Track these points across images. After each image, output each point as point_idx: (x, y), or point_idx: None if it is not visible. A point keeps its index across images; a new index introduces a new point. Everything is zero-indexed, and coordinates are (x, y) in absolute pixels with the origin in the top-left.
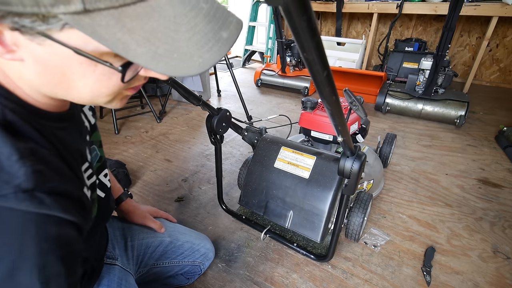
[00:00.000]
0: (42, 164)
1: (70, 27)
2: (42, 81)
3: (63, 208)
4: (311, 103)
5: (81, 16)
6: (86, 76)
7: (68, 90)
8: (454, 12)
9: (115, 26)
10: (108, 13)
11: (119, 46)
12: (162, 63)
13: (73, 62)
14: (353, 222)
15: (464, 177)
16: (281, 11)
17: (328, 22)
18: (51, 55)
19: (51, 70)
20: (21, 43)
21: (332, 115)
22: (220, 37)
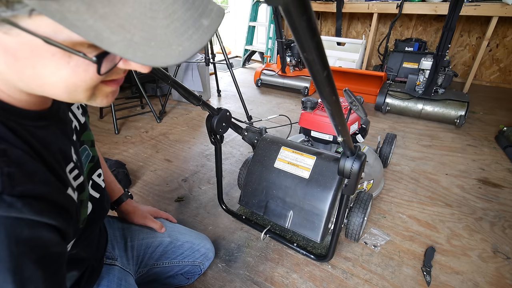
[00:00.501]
0: (13, 166)
1: (38, 13)
2: (14, 74)
3: (36, 211)
4: (311, 103)
5: (49, 1)
6: (59, 69)
7: (42, 85)
8: (454, 12)
9: (86, 12)
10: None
11: (91, 34)
12: (139, 52)
13: (44, 53)
14: (353, 222)
15: (464, 177)
16: (281, 11)
17: (328, 22)
18: (19, 45)
19: (22, 63)
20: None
21: (332, 115)
22: (200, 25)
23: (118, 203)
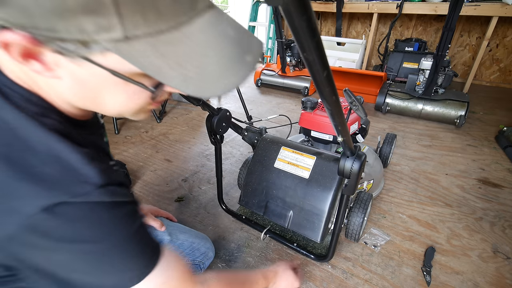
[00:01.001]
0: (102, 164)
1: (109, 51)
2: (76, 97)
3: (124, 193)
4: (311, 103)
5: (121, 43)
6: (118, 95)
7: (99, 105)
8: (454, 12)
9: (150, 52)
10: (145, 40)
11: (153, 70)
12: (192, 85)
13: (108, 82)
14: (353, 222)
15: (464, 177)
16: (281, 11)
17: (328, 22)
18: (88, 75)
19: (87, 88)
20: (61, 63)
21: (332, 115)
22: (244, 61)
23: None
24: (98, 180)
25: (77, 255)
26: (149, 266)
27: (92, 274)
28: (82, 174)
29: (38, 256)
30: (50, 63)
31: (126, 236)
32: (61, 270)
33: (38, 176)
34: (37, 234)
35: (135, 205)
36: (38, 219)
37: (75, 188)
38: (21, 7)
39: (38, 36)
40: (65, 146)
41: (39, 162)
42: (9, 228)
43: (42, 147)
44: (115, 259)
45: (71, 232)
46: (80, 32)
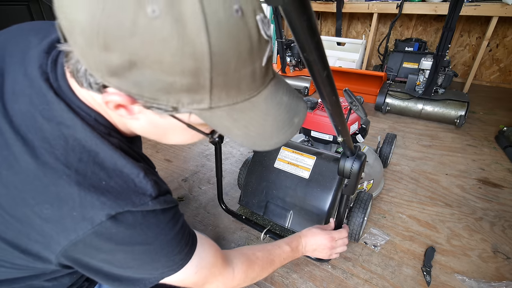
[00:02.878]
0: (154, 176)
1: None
2: (144, 132)
3: (171, 200)
4: (311, 103)
5: (205, 111)
6: (182, 135)
7: (162, 139)
8: (454, 12)
9: (225, 117)
10: (223, 109)
11: (224, 130)
12: (250, 141)
13: (179, 128)
14: (353, 222)
15: (464, 177)
16: (281, 11)
17: (328, 22)
18: (165, 123)
19: (158, 129)
20: (144, 112)
21: (332, 115)
22: (293, 123)
23: None
24: (153, 192)
25: (132, 255)
26: (186, 259)
27: (141, 269)
28: (141, 187)
29: (96, 258)
30: (134, 111)
31: (171, 237)
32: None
33: (106, 189)
34: (102, 239)
35: (177, 208)
36: (104, 226)
37: (136, 199)
38: (136, 82)
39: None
40: (127, 163)
41: (106, 177)
42: (79, 233)
43: (109, 163)
44: (162, 257)
45: (129, 237)
46: (176, 102)
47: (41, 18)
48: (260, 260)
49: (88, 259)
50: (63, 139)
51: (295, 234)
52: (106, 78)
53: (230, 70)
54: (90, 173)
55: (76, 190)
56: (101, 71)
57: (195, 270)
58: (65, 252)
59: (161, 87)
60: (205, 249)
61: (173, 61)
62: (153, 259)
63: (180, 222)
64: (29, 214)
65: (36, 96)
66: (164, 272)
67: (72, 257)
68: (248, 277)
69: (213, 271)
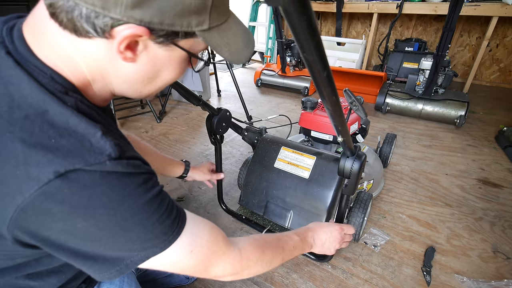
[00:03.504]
0: (116, 139)
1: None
2: (134, 78)
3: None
4: (311, 103)
5: (205, 32)
6: (175, 69)
7: (148, 84)
8: (454, 12)
9: (217, 37)
10: (215, 29)
11: (217, 48)
12: (233, 57)
13: (177, 60)
14: (353, 222)
15: (464, 177)
16: (281, 11)
17: (328, 22)
18: (167, 56)
19: (155, 68)
20: (149, 48)
21: (332, 115)
22: (250, 39)
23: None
24: (113, 152)
25: (94, 222)
26: (173, 233)
27: (114, 243)
28: (97, 146)
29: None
30: (140, 51)
31: (143, 202)
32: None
33: (55, 147)
34: (53, 201)
35: (150, 175)
36: (53, 185)
37: (90, 157)
38: (160, 8)
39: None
40: (80, 121)
41: (56, 135)
42: (25, 195)
43: (60, 121)
44: (134, 226)
45: (87, 198)
46: (188, 26)
47: None
48: (269, 244)
49: (47, 231)
50: (9, 96)
51: (303, 227)
52: (127, 12)
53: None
54: (38, 130)
55: (20, 147)
56: (122, 4)
57: (190, 249)
58: (16, 221)
59: (179, 11)
60: (198, 225)
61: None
62: (124, 228)
63: (156, 189)
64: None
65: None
66: (146, 248)
67: (26, 228)
68: (257, 259)
69: (215, 249)
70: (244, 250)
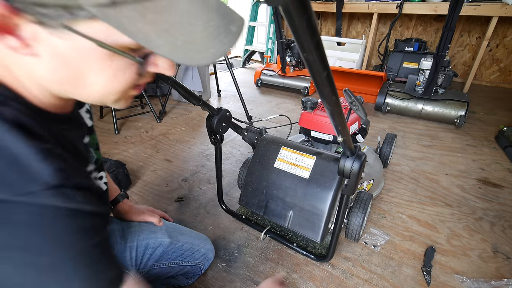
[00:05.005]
0: (62, 163)
1: (94, 19)
2: (55, 78)
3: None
4: (311, 103)
5: (108, 9)
6: (102, 71)
7: (80, 87)
8: (454, 12)
9: (137, 19)
10: (132, 6)
11: (141, 37)
12: (180, 54)
13: (92, 56)
14: (353, 222)
15: (464, 177)
16: (281, 11)
17: (328, 22)
18: (71, 49)
19: (68, 66)
20: (40, 37)
21: (332, 115)
22: (229, 31)
23: (114, 203)
24: (51, 179)
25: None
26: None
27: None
28: (31, 171)
29: None
30: (28, 38)
31: (78, 252)
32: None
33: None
34: None
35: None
36: None
37: (19, 186)
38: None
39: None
40: (16, 138)
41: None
42: None
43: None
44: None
45: (11, 238)
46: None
47: None
48: None
49: None
50: None
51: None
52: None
53: None
54: None
55: None
56: None
57: None
58: None
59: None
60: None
61: None
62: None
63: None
64: None
65: None
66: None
67: None
68: None
69: None
70: None
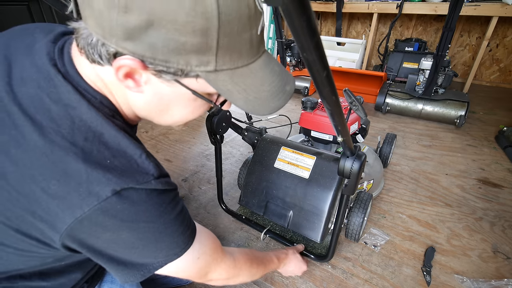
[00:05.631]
0: (154, 159)
1: (198, 77)
2: (147, 108)
3: (170, 182)
4: (311, 103)
5: (210, 73)
6: (186, 107)
7: (163, 116)
8: (454, 12)
9: (228, 81)
10: (226, 72)
11: (227, 94)
12: (250, 106)
13: (183, 98)
14: (353, 222)
15: (464, 177)
16: (281, 11)
17: (328, 22)
18: (172, 92)
19: (162, 102)
20: (151, 82)
21: (332, 115)
22: (285, 90)
23: None
24: (155, 172)
25: (137, 233)
26: (188, 243)
27: (146, 250)
28: (143, 167)
29: (101, 237)
30: (141, 81)
31: (174, 216)
32: (121, 249)
33: (111, 167)
34: (108, 215)
35: (177, 191)
36: (110, 202)
37: (139, 177)
38: (151, 44)
39: (149, 63)
40: (130, 143)
41: (110, 156)
42: (85, 210)
43: (113, 143)
44: (166, 236)
45: (135, 213)
46: (185, 64)
47: (41, 18)
48: (257, 259)
49: (94, 240)
50: (70, 120)
51: (282, 251)
52: (120, 43)
53: (233, 32)
54: (96, 152)
55: (83, 167)
56: (116, 35)
57: (197, 255)
58: (71, 230)
59: (173, 48)
60: (204, 235)
61: (186, 20)
62: (157, 239)
63: (180, 205)
64: (37, 190)
65: (43, 80)
66: (168, 255)
67: (77, 237)
68: (246, 269)
69: (215, 257)
70: (238, 260)
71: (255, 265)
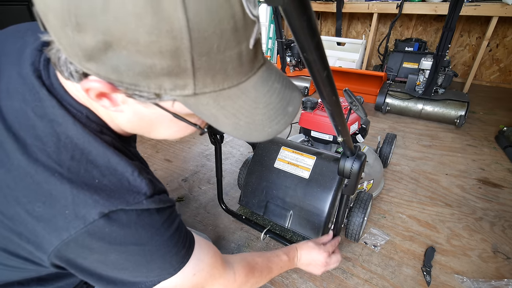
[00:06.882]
0: (147, 174)
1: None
2: (131, 126)
3: (166, 199)
4: (311, 103)
5: (189, 97)
6: (170, 128)
7: (149, 134)
8: (454, 12)
9: (212, 105)
10: (209, 94)
11: (212, 119)
12: (241, 132)
13: (164, 119)
14: (353, 222)
15: (464, 177)
16: (281, 11)
17: (328, 22)
18: (150, 113)
19: (144, 121)
20: (128, 102)
21: (332, 115)
22: (287, 112)
23: None
24: (148, 191)
25: (125, 255)
26: (184, 261)
27: (137, 271)
28: (135, 185)
29: (89, 258)
30: (118, 101)
31: (167, 237)
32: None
33: (99, 187)
34: (95, 238)
35: (173, 208)
36: (97, 225)
37: (129, 198)
38: (113, 66)
39: (118, 85)
40: (120, 160)
41: (99, 175)
42: (71, 233)
43: (102, 161)
44: (157, 258)
45: (123, 236)
46: (158, 88)
47: None
48: (259, 266)
49: (81, 260)
50: (55, 137)
51: (292, 245)
52: (84, 64)
53: (212, 50)
54: (83, 171)
55: (69, 188)
56: (77, 55)
57: (193, 272)
58: (58, 252)
59: (140, 71)
60: (203, 250)
61: (149, 40)
62: (148, 261)
63: (176, 222)
64: (21, 213)
65: (29, 93)
66: (161, 275)
67: (65, 257)
68: (248, 281)
69: (213, 273)
70: (238, 273)
71: (258, 274)
